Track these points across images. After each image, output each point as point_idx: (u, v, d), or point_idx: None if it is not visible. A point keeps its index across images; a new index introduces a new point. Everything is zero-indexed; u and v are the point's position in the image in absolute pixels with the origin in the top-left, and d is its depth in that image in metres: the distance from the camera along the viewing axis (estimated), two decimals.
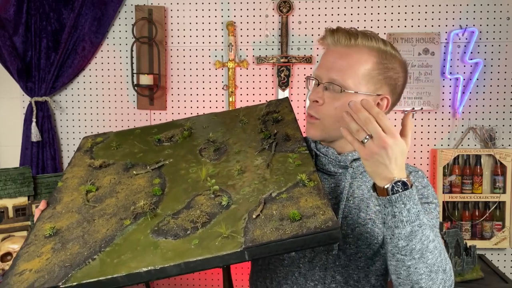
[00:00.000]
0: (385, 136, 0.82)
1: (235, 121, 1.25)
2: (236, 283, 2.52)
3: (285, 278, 1.07)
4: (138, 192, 1.06)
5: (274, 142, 1.10)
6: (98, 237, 0.95)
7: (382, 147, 0.82)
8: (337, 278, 1.04)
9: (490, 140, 2.46)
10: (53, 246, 0.96)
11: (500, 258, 2.50)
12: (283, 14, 2.50)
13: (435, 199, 1.07)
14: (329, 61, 1.03)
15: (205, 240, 0.87)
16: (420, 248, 0.87)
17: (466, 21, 2.47)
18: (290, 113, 1.21)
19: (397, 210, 0.85)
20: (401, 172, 0.85)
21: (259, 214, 0.89)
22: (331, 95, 1.02)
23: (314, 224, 0.84)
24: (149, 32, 2.54)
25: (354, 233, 1.03)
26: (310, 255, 1.05)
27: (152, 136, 1.27)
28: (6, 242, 1.87)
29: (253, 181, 1.00)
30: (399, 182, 0.85)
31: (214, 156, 1.12)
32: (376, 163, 0.84)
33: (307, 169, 0.99)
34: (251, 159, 1.07)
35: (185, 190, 1.03)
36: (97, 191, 1.11)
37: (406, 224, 0.85)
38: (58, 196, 1.13)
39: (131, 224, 0.96)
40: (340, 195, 1.06)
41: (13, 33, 2.51)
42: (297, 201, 0.91)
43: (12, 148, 2.63)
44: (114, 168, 1.17)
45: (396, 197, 0.85)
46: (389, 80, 1.03)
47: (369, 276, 1.05)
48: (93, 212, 1.04)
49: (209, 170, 1.07)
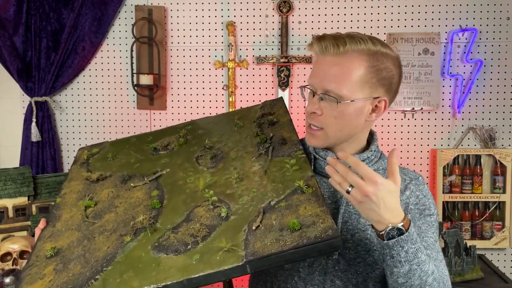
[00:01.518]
0: (364, 185, 0.85)
1: (231, 125, 1.23)
2: (236, 283, 2.52)
3: (285, 282, 1.07)
4: (137, 205, 1.05)
5: (271, 146, 1.09)
6: (99, 255, 0.94)
7: (365, 196, 0.85)
8: (336, 282, 1.04)
9: (490, 140, 2.46)
10: (55, 267, 0.96)
11: (500, 258, 2.50)
12: (283, 14, 2.50)
13: (435, 208, 1.08)
14: (321, 71, 1.02)
15: (206, 254, 0.87)
16: (419, 283, 0.90)
17: (466, 21, 2.47)
18: (285, 114, 1.19)
19: (395, 253, 0.88)
20: (394, 214, 0.87)
21: (259, 225, 0.89)
22: (328, 105, 1.01)
23: (314, 233, 0.84)
24: (149, 32, 2.54)
25: (354, 239, 1.03)
26: (310, 260, 1.05)
27: (148, 145, 1.25)
28: (6, 242, 1.87)
29: (251, 189, 0.99)
30: (394, 228, 0.87)
31: (211, 163, 1.11)
32: (365, 210, 0.87)
33: (305, 174, 0.98)
34: (249, 165, 1.06)
35: (184, 201, 1.02)
36: (95, 206, 1.09)
37: (404, 263, 0.88)
38: (57, 213, 1.12)
39: (131, 241, 0.95)
40: (340, 199, 1.05)
41: (13, 33, 2.51)
42: (296, 209, 0.91)
43: (12, 148, 2.63)
44: (112, 180, 1.16)
45: (393, 242, 0.87)
46: (383, 80, 1.02)
47: (367, 281, 1.04)
48: (93, 229, 1.02)
49: (206, 179, 1.06)
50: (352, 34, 1.02)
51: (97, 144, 1.34)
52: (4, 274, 1.66)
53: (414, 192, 1.07)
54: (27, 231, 2.09)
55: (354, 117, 1.02)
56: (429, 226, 1.04)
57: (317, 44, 1.03)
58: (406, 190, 1.07)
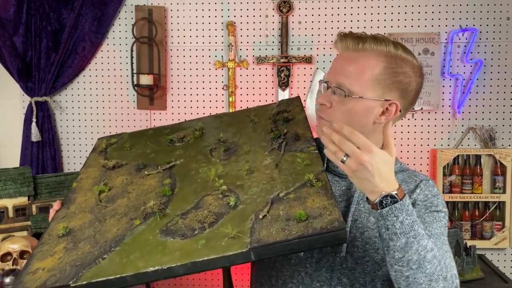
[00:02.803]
0: (360, 153, 0.84)
1: (246, 121, 1.25)
2: (236, 283, 2.52)
3: (291, 277, 1.07)
4: (149, 192, 1.08)
5: (284, 141, 1.11)
6: (108, 236, 0.97)
7: (360, 164, 0.84)
8: (343, 280, 1.04)
9: (490, 140, 2.46)
10: (66, 245, 0.99)
11: (500, 258, 2.50)
12: (283, 14, 2.50)
13: (444, 208, 1.06)
14: (338, 66, 1.04)
15: (212, 240, 0.88)
16: (417, 258, 0.87)
17: (466, 21, 2.47)
18: (301, 112, 1.21)
19: (390, 223, 0.86)
20: (389, 184, 0.87)
21: (265, 215, 0.90)
22: (338, 99, 1.02)
23: (320, 224, 0.84)
24: (149, 32, 2.54)
25: (363, 237, 1.03)
26: (317, 256, 1.05)
27: (164, 137, 1.29)
28: (6, 242, 1.87)
29: (261, 181, 1.00)
30: (387, 196, 0.86)
31: (224, 156, 1.13)
32: (360, 180, 0.87)
33: (316, 169, 0.99)
34: (260, 159, 1.08)
35: (194, 190, 1.04)
36: (109, 191, 1.13)
37: (400, 236, 0.86)
38: (73, 196, 1.16)
39: (140, 224, 0.97)
40: (351, 198, 1.06)
41: (13, 33, 2.51)
42: (304, 201, 0.91)
43: (12, 148, 2.63)
44: (127, 168, 1.19)
45: (387, 210, 0.86)
46: (398, 84, 1.02)
47: (375, 280, 1.04)
48: (105, 212, 1.05)
49: (218, 170, 1.08)
50: (376, 35, 1.04)
51: (116, 134, 1.39)
52: (4, 274, 1.66)
53: (423, 190, 1.07)
54: (27, 231, 2.09)
55: (362, 115, 1.02)
56: (435, 220, 1.02)
57: (340, 41, 1.05)
58: (417, 188, 1.07)
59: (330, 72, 1.06)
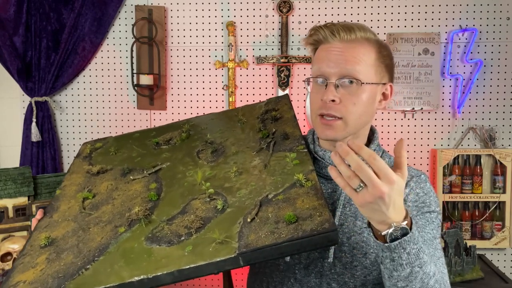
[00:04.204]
0: (380, 184, 0.73)
1: (234, 120, 1.22)
2: (236, 283, 2.52)
3: (281, 283, 1.05)
4: (134, 198, 1.04)
5: (273, 141, 1.08)
6: (92, 245, 0.93)
7: (378, 197, 0.74)
8: (332, 285, 1.01)
9: (490, 140, 2.46)
10: (48, 256, 0.95)
11: (500, 258, 2.50)
12: (283, 14, 2.50)
13: (437, 206, 1.03)
14: (337, 59, 0.98)
15: (199, 246, 0.85)
16: (420, 286, 0.83)
17: (466, 21, 2.47)
18: (290, 111, 1.18)
19: (396, 256, 0.80)
20: (399, 213, 0.78)
21: (254, 218, 0.87)
22: (346, 91, 0.98)
23: (310, 226, 0.81)
24: (149, 32, 2.54)
25: (350, 242, 0.99)
26: (305, 262, 1.02)
27: (150, 140, 1.25)
28: (6, 242, 1.87)
29: (250, 183, 0.97)
30: (398, 228, 0.78)
31: (212, 158, 1.10)
32: (372, 210, 0.77)
33: (305, 169, 0.96)
34: (249, 159, 1.05)
35: (181, 194, 1.01)
36: (93, 198, 1.08)
37: (406, 266, 0.81)
38: (56, 204, 1.11)
39: (125, 232, 0.94)
40: (336, 201, 1.03)
41: (13, 33, 2.51)
42: (293, 202, 0.88)
43: (12, 148, 2.63)
44: (112, 173, 1.15)
45: (396, 244, 0.79)
46: (387, 68, 1.04)
47: (366, 284, 1.01)
48: (89, 220, 1.02)
49: (205, 173, 1.05)
50: (354, 24, 1.03)
51: (101, 139, 1.34)
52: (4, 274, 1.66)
53: (413, 189, 1.03)
54: (27, 231, 2.09)
55: (370, 103, 1.01)
56: (427, 222, 0.99)
57: (325, 30, 1.00)
58: (406, 187, 1.02)
59: (325, 66, 0.99)
